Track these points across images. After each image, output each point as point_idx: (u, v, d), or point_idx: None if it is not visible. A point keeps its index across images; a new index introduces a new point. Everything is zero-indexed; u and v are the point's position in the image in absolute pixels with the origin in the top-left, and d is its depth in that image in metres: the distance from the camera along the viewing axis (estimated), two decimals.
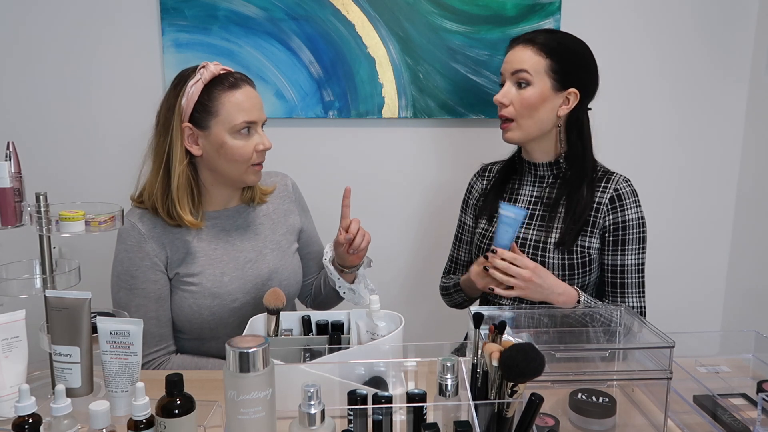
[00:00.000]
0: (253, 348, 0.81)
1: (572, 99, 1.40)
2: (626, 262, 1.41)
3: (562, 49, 1.39)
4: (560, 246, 1.39)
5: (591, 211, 1.40)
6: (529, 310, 1.28)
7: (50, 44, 1.80)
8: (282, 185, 1.53)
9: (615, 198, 1.40)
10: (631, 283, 1.41)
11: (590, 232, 1.40)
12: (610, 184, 1.41)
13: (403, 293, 2.01)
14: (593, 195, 1.41)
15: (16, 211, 1.12)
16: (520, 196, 1.50)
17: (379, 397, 0.95)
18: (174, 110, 1.30)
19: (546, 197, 1.46)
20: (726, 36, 1.89)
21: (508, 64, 1.41)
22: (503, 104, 1.40)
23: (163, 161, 1.31)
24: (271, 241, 1.45)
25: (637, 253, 1.41)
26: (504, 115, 1.41)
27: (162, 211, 1.33)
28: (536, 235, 1.42)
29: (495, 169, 1.59)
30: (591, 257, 1.41)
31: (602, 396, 1.04)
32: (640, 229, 1.41)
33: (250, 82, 1.35)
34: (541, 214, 1.44)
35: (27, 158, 1.19)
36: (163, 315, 1.36)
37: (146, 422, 0.87)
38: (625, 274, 1.41)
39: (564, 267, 1.39)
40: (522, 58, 1.38)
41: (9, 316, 1.08)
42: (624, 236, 1.40)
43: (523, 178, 1.51)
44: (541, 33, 1.41)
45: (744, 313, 1.99)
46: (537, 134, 1.42)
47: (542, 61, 1.37)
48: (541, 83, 1.38)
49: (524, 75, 1.37)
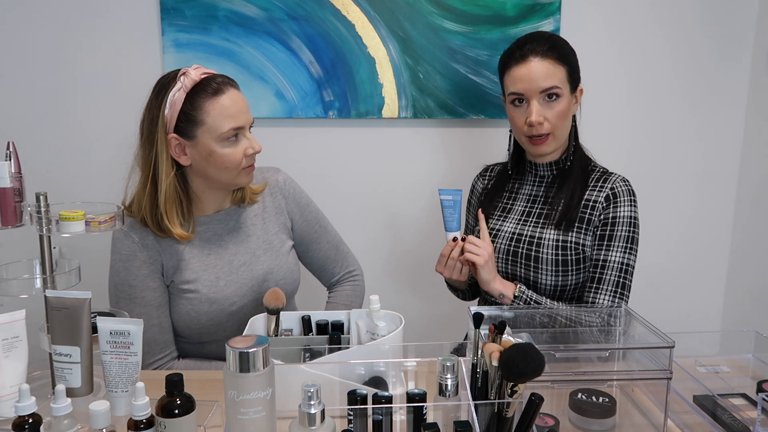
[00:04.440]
0: (253, 348, 0.81)
1: (579, 96, 1.44)
2: (609, 258, 1.38)
3: (567, 51, 1.40)
4: (558, 228, 1.40)
5: (587, 209, 1.41)
6: (529, 310, 1.28)
7: (50, 44, 1.80)
8: (273, 181, 1.49)
9: (611, 196, 1.40)
10: (609, 281, 1.37)
11: (585, 228, 1.40)
12: (608, 183, 1.42)
13: (403, 293, 2.01)
14: (587, 181, 1.43)
15: (16, 211, 1.12)
16: (520, 195, 1.50)
17: (379, 397, 0.95)
18: (157, 122, 1.27)
19: (544, 195, 1.46)
20: (726, 35, 1.89)
21: (531, 83, 1.36)
22: (541, 123, 1.37)
23: (149, 174, 1.29)
24: (264, 242, 1.44)
25: (622, 252, 1.38)
26: (542, 133, 1.38)
27: (152, 224, 1.31)
28: (532, 230, 1.43)
29: (496, 170, 1.59)
30: (585, 254, 1.40)
31: (602, 396, 1.04)
32: (630, 228, 1.39)
33: (234, 84, 1.31)
34: (539, 211, 1.45)
35: (27, 158, 1.19)
36: (164, 321, 1.36)
37: (146, 422, 0.87)
38: (606, 269, 1.38)
39: (557, 262, 1.39)
40: (546, 73, 1.36)
41: (9, 316, 1.08)
42: (611, 232, 1.39)
43: (524, 178, 1.51)
44: (542, 41, 1.38)
45: (744, 313, 1.99)
46: (565, 140, 1.44)
47: (563, 69, 1.38)
48: (566, 92, 1.39)
49: (556, 90, 1.36)
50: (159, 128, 1.27)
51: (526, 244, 1.42)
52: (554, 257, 1.39)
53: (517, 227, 1.45)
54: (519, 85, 1.38)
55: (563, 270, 1.40)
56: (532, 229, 1.43)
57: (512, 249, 1.44)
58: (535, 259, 1.41)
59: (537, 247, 1.41)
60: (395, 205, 1.96)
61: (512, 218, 1.48)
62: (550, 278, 1.41)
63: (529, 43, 1.38)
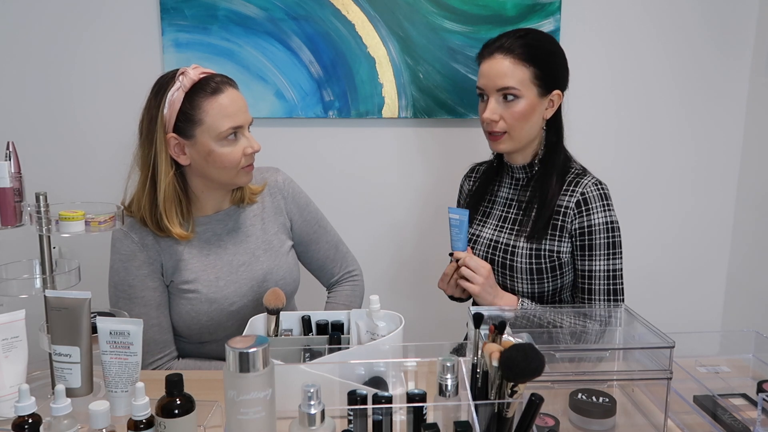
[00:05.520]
0: (253, 348, 0.81)
1: (556, 101, 1.40)
2: (594, 268, 1.37)
3: (542, 53, 1.36)
4: (530, 239, 1.38)
5: (558, 216, 1.38)
6: (530, 310, 1.28)
7: (50, 44, 1.80)
8: (272, 181, 1.49)
9: (581, 202, 1.36)
10: (599, 290, 1.38)
11: (559, 236, 1.38)
12: (579, 187, 1.37)
13: (402, 293, 2.01)
14: (562, 187, 1.39)
15: (16, 211, 1.12)
16: (498, 198, 1.50)
17: (379, 397, 0.95)
18: (156, 121, 1.27)
19: (518, 199, 1.45)
20: (726, 35, 1.89)
21: (489, 80, 1.35)
22: (494, 121, 1.36)
23: (149, 174, 1.29)
24: (263, 242, 1.44)
25: (606, 259, 1.37)
26: (496, 131, 1.37)
27: (151, 224, 1.31)
28: (507, 238, 1.43)
29: (481, 170, 1.59)
30: (561, 261, 1.39)
31: (602, 396, 1.04)
32: (608, 234, 1.36)
33: (233, 83, 1.32)
34: (514, 218, 1.44)
35: (27, 158, 1.19)
36: (164, 321, 1.36)
37: (146, 422, 0.87)
38: (593, 280, 1.38)
39: (532, 271, 1.39)
40: (504, 71, 1.33)
41: (9, 316, 1.08)
42: (590, 241, 1.37)
43: (502, 180, 1.51)
44: (514, 39, 1.35)
45: (744, 313, 1.99)
46: (527, 142, 1.41)
47: (525, 71, 1.33)
48: (528, 93, 1.34)
49: (512, 91, 1.33)
50: (158, 128, 1.27)
51: (502, 252, 1.42)
52: (528, 266, 1.39)
53: (494, 234, 1.45)
54: (480, 80, 1.38)
55: (538, 278, 1.40)
56: (507, 236, 1.43)
57: (489, 257, 1.45)
58: (510, 267, 1.41)
59: (512, 256, 1.40)
60: (395, 205, 1.96)
61: (490, 223, 1.48)
62: (525, 286, 1.41)
63: (504, 39, 1.36)
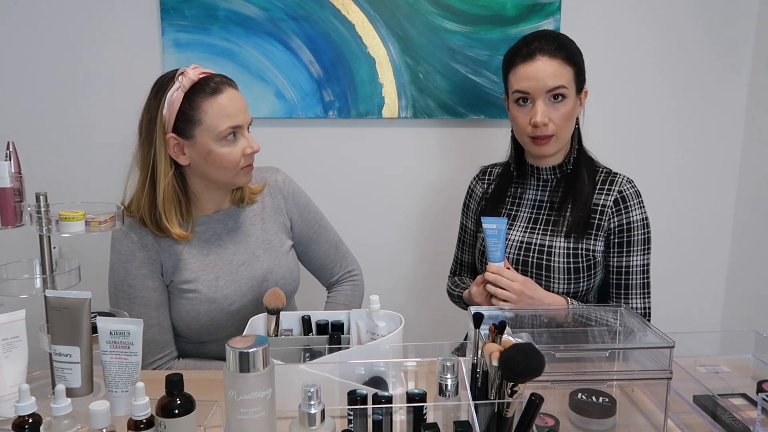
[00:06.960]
0: (253, 348, 0.81)
1: (583, 98, 1.42)
2: (632, 264, 1.40)
3: (574, 52, 1.38)
4: (568, 239, 1.38)
5: (595, 214, 1.40)
6: (529, 310, 1.28)
7: (50, 44, 1.80)
8: (272, 181, 1.49)
9: (619, 200, 1.39)
10: (636, 284, 1.41)
11: (595, 234, 1.39)
12: (614, 186, 1.40)
13: (403, 293, 2.01)
14: (595, 185, 1.41)
15: (16, 211, 1.12)
16: (523, 200, 1.48)
17: (379, 397, 0.95)
18: (156, 121, 1.27)
19: (549, 200, 1.45)
20: (726, 35, 1.89)
21: (538, 82, 1.33)
22: (545, 124, 1.34)
23: (148, 174, 1.29)
24: (263, 242, 1.44)
25: (642, 254, 1.41)
26: (546, 134, 1.35)
27: (151, 224, 1.31)
28: (540, 239, 1.42)
29: (495, 173, 1.57)
30: (596, 260, 1.40)
31: (602, 396, 1.04)
32: (645, 230, 1.40)
33: (232, 83, 1.32)
34: (546, 218, 1.44)
35: (27, 158, 1.19)
36: (164, 321, 1.36)
37: (146, 422, 0.87)
38: (630, 275, 1.41)
39: (569, 270, 1.39)
40: (553, 72, 1.33)
41: (9, 316, 1.08)
42: (629, 238, 1.39)
43: (526, 182, 1.49)
44: (550, 40, 1.35)
45: (744, 313, 1.99)
46: (566, 142, 1.42)
47: (570, 70, 1.35)
48: (572, 93, 1.36)
49: (562, 90, 1.33)
50: (157, 128, 1.27)
51: (536, 254, 1.41)
52: (566, 265, 1.39)
53: (525, 236, 1.44)
54: (525, 84, 1.34)
55: (575, 277, 1.39)
56: (541, 237, 1.42)
57: (521, 258, 1.43)
58: (546, 268, 1.40)
59: (548, 256, 1.40)
60: (395, 205, 1.96)
61: (518, 226, 1.46)
62: (562, 286, 1.40)
63: (537, 41, 1.35)
